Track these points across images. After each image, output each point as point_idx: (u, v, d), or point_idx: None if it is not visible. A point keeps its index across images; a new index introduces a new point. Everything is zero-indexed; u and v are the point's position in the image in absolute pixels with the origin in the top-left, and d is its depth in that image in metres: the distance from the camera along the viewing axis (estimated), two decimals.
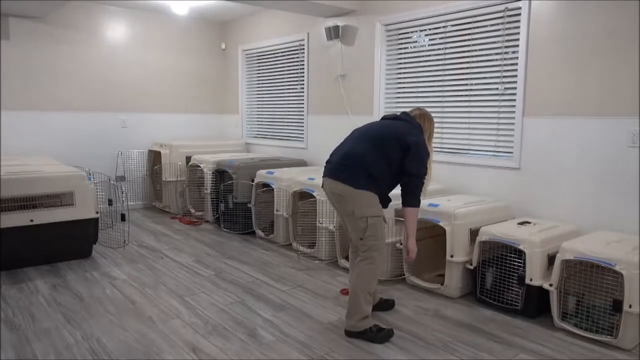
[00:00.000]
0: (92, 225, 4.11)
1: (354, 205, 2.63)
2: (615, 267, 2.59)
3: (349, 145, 2.72)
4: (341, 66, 5.10)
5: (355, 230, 2.68)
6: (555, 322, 2.86)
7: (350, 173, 2.62)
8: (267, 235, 4.79)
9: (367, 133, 2.73)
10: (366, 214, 2.63)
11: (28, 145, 5.53)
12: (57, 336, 2.71)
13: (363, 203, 2.62)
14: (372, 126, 2.79)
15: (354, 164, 2.63)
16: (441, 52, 4.19)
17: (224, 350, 2.57)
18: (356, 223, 2.66)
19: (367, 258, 2.68)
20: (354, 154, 2.65)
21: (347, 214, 2.68)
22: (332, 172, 2.70)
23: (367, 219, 2.63)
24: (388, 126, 2.74)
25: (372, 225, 2.65)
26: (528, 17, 3.53)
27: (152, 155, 6.25)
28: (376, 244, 2.68)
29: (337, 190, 2.65)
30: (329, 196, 2.76)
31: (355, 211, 2.63)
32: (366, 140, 2.68)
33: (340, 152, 2.72)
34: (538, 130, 3.55)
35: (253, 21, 6.34)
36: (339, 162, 2.68)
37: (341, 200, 2.67)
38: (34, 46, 5.46)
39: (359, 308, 2.69)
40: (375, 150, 2.63)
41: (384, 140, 2.65)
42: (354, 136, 2.77)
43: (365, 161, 2.62)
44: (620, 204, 3.17)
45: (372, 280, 2.71)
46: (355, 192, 2.60)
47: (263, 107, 6.40)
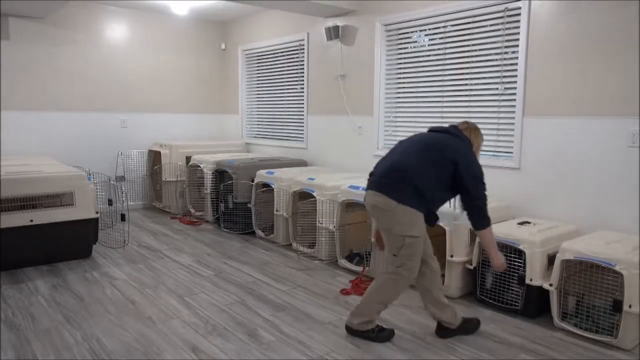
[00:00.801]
0: (92, 225, 4.11)
1: (393, 221, 2.49)
2: (615, 267, 2.59)
3: (395, 157, 2.57)
4: (341, 66, 5.10)
5: (391, 246, 2.56)
6: (555, 322, 2.86)
7: (395, 187, 2.47)
8: (267, 235, 4.78)
9: (414, 145, 2.57)
10: (405, 232, 2.48)
11: (28, 145, 5.53)
12: (57, 336, 2.71)
13: (404, 220, 2.48)
14: (419, 138, 2.63)
15: (400, 178, 2.47)
16: (441, 52, 4.19)
17: (224, 350, 2.57)
18: (393, 240, 2.53)
19: (396, 274, 2.56)
20: (400, 167, 2.49)
21: (385, 229, 2.57)
22: (376, 185, 2.55)
23: (404, 238, 2.49)
24: (436, 139, 2.57)
25: (409, 246, 2.50)
26: (528, 17, 3.53)
27: (152, 155, 6.24)
28: (409, 264, 2.54)
29: (379, 203, 2.50)
30: (369, 209, 2.63)
31: (393, 228, 2.50)
32: (413, 153, 2.52)
33: (385, 165, 2.58)
34: (538, 130, 3.55)
35: (253, 21, 6.34)
36: (384, 174, 2.53)
37: (382, 215, 2.53)
38: (34, 46, 5.46)
39: (368, 314, 2.64)
40: (423, 164, 2.48)
41: (432, 154, 2.50)
42: (400, 148, 2.62)
43: (413, 175, 2.46)
44: (620, 204, 3.17)
45: (392, 296, 2.62)
46: (398, 208, 2.45)
47: (263, 107, 6.40)
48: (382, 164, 2.62)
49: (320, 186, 4.10)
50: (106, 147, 6.07)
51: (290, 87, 5.90)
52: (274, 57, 6.10)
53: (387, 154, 2.67)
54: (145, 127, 6.35)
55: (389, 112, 4.70)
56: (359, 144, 4.96)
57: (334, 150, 5.29)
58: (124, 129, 6.18)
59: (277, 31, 5.95)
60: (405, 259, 2.53)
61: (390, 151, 2.67)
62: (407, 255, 2.52)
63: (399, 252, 2.52)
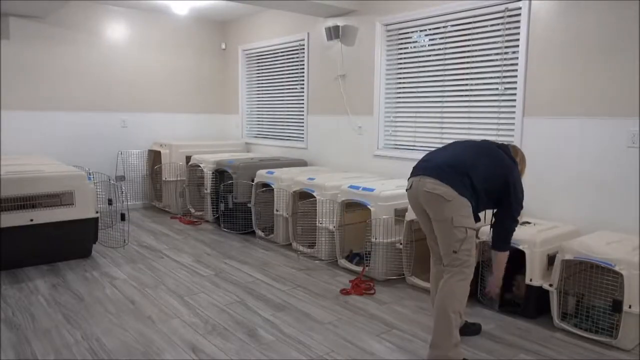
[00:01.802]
0: (92, 225, 4.11)
1: (455, 211, 2.36)
2: (615, 267, 2.59)
3: (454, 150, 2.53)
4: (341, 66, 5.10)
5: (450, 240, 2.39)
6: (555, 322, 2.86)
7: (456, 178, 2.38)
8: (267, 235, 4.78)
9: (475, 147, 2.54)
10: (465, 223, 2.37)
11: (28, 145, 5.53)
12: (57, 336, 2.71)
13: (464, 212, 2.37)
14: (478, 144, 2.59)
15: (461, 171, 2.39)
16: (441, 52, 4.19)
17: (223, 350, 2.57)
18: (453, 232, 2.37)
19: (460, 273, 2.40)
20: (461, 161, 2.43)
21: (443, 220, 2.39)
22: (434, 171, 2.42)
23: (466, 230, 2.37)
24: (495, 151, 2.53)
25: (470, 239, 2.39)
26: (528, 17, 3.53)
27: (152, 155, 6.24)
28: (470, 260, 2.42)
29: (439, 191, 2.36)
30: (421, 197, 2.46)
31: (454, 218, 2.36)
32: (474, 153, 2.49)
33: (444, 155, 2.50)
34: (538, 130, 3.55)
35: (253, 21, 6.34)
36: (444, 162, 2.43)
37: (441, 204, 2.37)
38: (34, 46, 5.46)
39: (450, 333, 2.35)
40: (482, 165, 2.44)
41: (490, 162, 2.47)
42: (460, 146, 2.57)
43: (471, 172, 2.39)
44: (620, 204, 3.17)
45: (464, 299, 2.44)
46: (459, 199, 2.35)
47: (263, 107, 6.40)
48: (437, 154, 2.54)
49: (320, 186, 4.10)
50: (106, 147, 6.07)
51: (290, 87, 5.90)
52: (274, 57, 6.10)
53: (440, 148, 2.63)
54: (145, 127, 6.35)
55: (389, 112, 4.70)
56: (359, 144, 4.96)
57: (334, 150, 5.29)
58: (124, 128, 6.18)
59: (277, 31, 5.95)
60: (466, 254, 2.40)
61: (444, 147, 2.62)
62: (467, 250, 2.40)
63: (461, 246, 2.38)
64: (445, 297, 2.39)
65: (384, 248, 3.59)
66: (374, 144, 4.80)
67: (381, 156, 4.74)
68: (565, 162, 3.41)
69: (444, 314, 2.35)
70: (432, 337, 2.39)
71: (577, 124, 3.34)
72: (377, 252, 3.61)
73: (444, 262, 2.46)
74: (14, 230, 3.73)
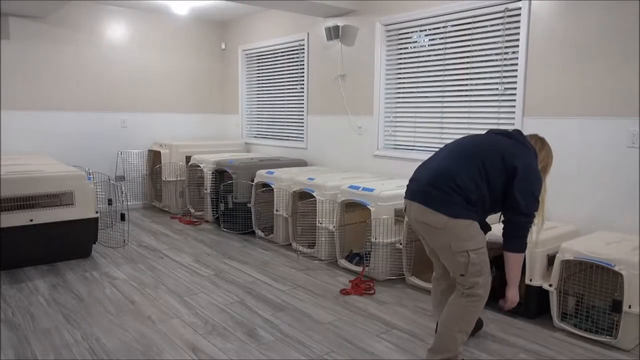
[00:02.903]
0: (92, 225, 4.11)
1: (450, 238, 2.16)
2: (615, 267, 2.59)
3: (441, 162, 2.24)
4: (341, 66, 5.10)
5: (454, 266, 2.22)
6: (555, 322, 2.86)
7: (443, 199, 2.14)
8: (267, 235, 4.78)
9: (464, 147, 2.26)
10: (466, 247, 2.16)
11: (28, 145, 5.53)
12: (57, 336, 2.71)
13: (461, 235, 2.15)
14: (472, 139, 2.31)
15: (448, 187, 2.14)
16: (441, 52, 4.19)
17: (223, 350, 2.57)
18: (455, 258, 2.19)
19: (472, 295, 2.21)
20: (447, 174, 2.17)
21: (440, 248, 2.23)
22: (420, 196, 2.21)
23: (468, 253, 2.16)
24: (492, 140, 2.26)
25: (476, 260, 2.17)
26: (528, 17, 3.53)
27: (152, 155, 6.24)
28: (481, 280, 2.20)
29: (429, 220, 2.17)
30: (415, 226, 2.30)
31: (452, 245, 2.16)
32: (462, 156, 2.21)
33: (429, 170, 2.24)
34: (538, 130, 3.53)
35: (253, 21, 6.34)
36: (429, 182, 2.19)
37: (433, 232, 2.20)
38: (34, 46, 5.46)
39: (451, 349, 2.25)
40: (473, 168, 2.16)
41: (484, 156, 2.18)
42: (446, 151, 2.29)
43: (462, 183, 2.14)
44: (620, 204, 3.17)
45: (473, 321, 2.27)
46: (452, 223, 2.13)
47: (263, 107, 6.40)
48: (425, 168, 2.30)
49: (320, 186, 4.10)
50: (106, 147, 6.07)
51: (290, 87, 5.90)
52: (274, 57, 6.10)
53: (430, 157, 2.35)
54: (145, 127, 6.35)
55: (389, 112, 4.70)
56: (359, 144, 4.96)
57: (334, 150, 5.29)
58: (124, 128, 6.18)
59: (277, 31, 5.95)
60: (475, 276, 2.19)
61: (434, 154, 2.36)
62: (476, 272, 2.19)
63: (467, 270, 2.18)
64: (452, 316, 2.24)
65: (383, 248, 3.59)
66: (374, 144, 4.80)
67: (381, 156, 4.74)
68: (565, 163, 3.41)
69: (450, 331, 2.24)
70: (434, 345, 2.30)
71: (577, 124, 3.35)
72: (377, 252, 3.61)
73: (456, 281, 2.27)
74: (14, 230, 3.73)
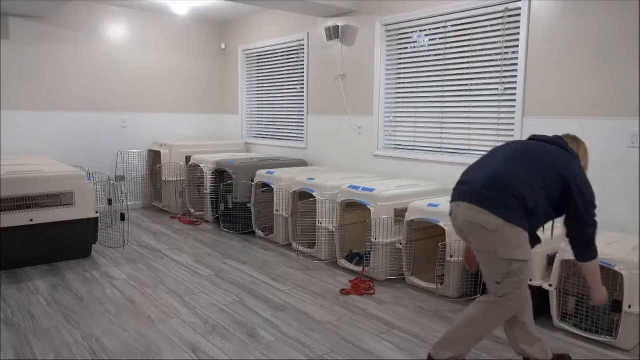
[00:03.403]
0: (92, 225, 4.11)
1: (498, 242, 2.07)
2: (615, 267, 2.59)
3: (497, 165, 2.16)
4: (341, 66, 5.10)
5: (493, 272, 2.14)
6: (555, 322, 2.86)
7: (499, 201, 2.06)
8: (267, 235, 4.78)
9: (518, 153, 2.19)
10: (512, 256, 2.07)
11: (28, 145, 5.53)
12: (57, 336, 2.71)
13: (510, 242, 2.07)
14: (522, 146, 2.24)
15: (505, 191, 2.07)
16: (441, 52, 4.19)
17: (223, 350, 2.57)
18: (495, 265, 2.11)
19: (499, 304, 2.14)
20: (504, 177, 2.09)
21: (484, 252, 2.14)
22: (475, 197, 2.12)
23: (511, 263, 2.08)
24: (544, 150, 2.19)
25: (517, 271, 2.09)
26: (528, 17, 3.53)
27: (152, 155, 6.24)
28: (515, 293, 2.12)
29: (480, 220, 2.08)
30: (461, 225, 2.20)
31: (498, 250, 2.08)
32: (519, 162, 2.14)
33: (486, 173, 2.16)
34: (538, 130, 3.54)
35: (253, 21, 6.34)
36: (485, 185, 2.11)
37: (482, 234, 2.10)
38: (34, 46, 5.46)
39: (460, 349, 2.19)
40: (533, 177, 2.09)
41: (541, 165, 2.12)
42: (499, 156, 2.22)
43: (520, 189, 2.06)
44: (620, 204, 3.17)
45: (492, 329, 2.20)
46: (506, 227, 2.05)
47: (263, 107, 6.40)
48: (479, 171, 2.22)
49: (320, 186, 4.10)
50: (106, 147, 6.07)
51: (290, 87, 5.90)
52: (274, 57, 6.10)
53: (480, 161, 2.29)
54: (145, 127, 6.35)
55: (389, 112, 4.70)
56: (359, 144, 4.96)
57: (333, 150, 5.29)
58: (124, 129, 6.18)
59: (277, 31, 5.95)
60: (511, 287, 2.11)
61: (484, 158, 2.29)
62: (514, 283, 2.11)
63: (504, 279, 2.11)
64: (474, 317, 2.18)
65: (383, 248, 3.59)
66: (374, 144, 4.80)
67: (381, 156, 4.74)
68: None
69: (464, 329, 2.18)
70: (443, 340, 2.22)
71: (577, 124, 3.34)
72: (377, 252, 3.61)
73: (487, 286, 2.21)
74: (14, 230, 3.73)
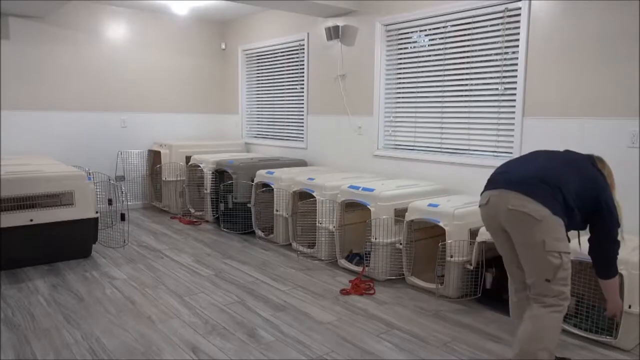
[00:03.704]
0: (92, 225, 4.11)
1: (547, 233, 2.02)
2: None
3: (545, 163, 2.17)
4: (341, 66, 5.10)
5: (542, 267, 2.05)
6: None
7: (549, 193, 2.04)
8: (267, 235, 4.78)
9: (562, 160, 2.20)
10: (559, 247, 2.03)
11: (28, 145, 5.53)
12: (57, 336, 2.71)
13: (557, 233, 2.03)
14: (564, 154, 2.27)
15: (554, 185, 2.06)
16: (441, 52, 4.19)
17: (223, 350, 2.57)
18: (545, 258, 2.03)
19: (556, 305, 2.06)
20: (556, 176, 2.09)
21: (532, 244, 2.05)
22: (520, 185, 2.08)
23: (560, 255, 2.03)
24: (583, 163, 2.20)
25: (565, 265, 2.05)
26: (528, 17, 3.53)
27: (152, 155, 6.24)
28: (566, 291, 2.08)
29: (529, 209, 2.03)
30: (502, 215, 2.13)
31: (546, 242, 2.02)
32: (564, 167, 2.15)
33: (529, 166, 2.15)
34: (538, 130, 3.55)
35: (253, 21, 6.34)
36: (532, 175, 2.09)
37: (529, 224, 2.04)
38: (34, 46, 5.46)
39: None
40: (573, 181, 2.10)
41: (585, 180, 2.13)
42: (546, 156, 2.23)
43: (567, 189, 2.06)
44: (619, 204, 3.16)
45: (557, 337, 2.09)
46: (552, 219, 2.02)
47: (263, 107, 6.40)
48: (519, 167, 2.19)
49: (320, 186, 4.10)
50: (106, 147, 6.07)
51: (290, 87, 5.90)
52: (274, 57, 6.10)
53: (520, 158, 2.30)
54: (145, 127, 6.35)
55: (389, 112, 4.70)
56: (359, 144, 4.96)
57: (333, 150, 5.29)
58: (124, 129, 6.18)
59: (277, 31, 5.95)
60: (561, 284, 2.06)
61: (525, 157, 2.30)
62: (563, 279, 2.06)
63: (555, 274, 2.04)
64: (534, 332, 2.06)
65: (383, 248, 3.59)
66: (374, 144, 4.80)
67: (381, 156, 4.74)
68: None
69: (532, 352, 2.04)
70: None
71: (577, 124, 3.34)
72: (377, 252, 3.61)
73: (533, 290, 2.12)
74: (14, 230, 3.73)
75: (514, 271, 2.32)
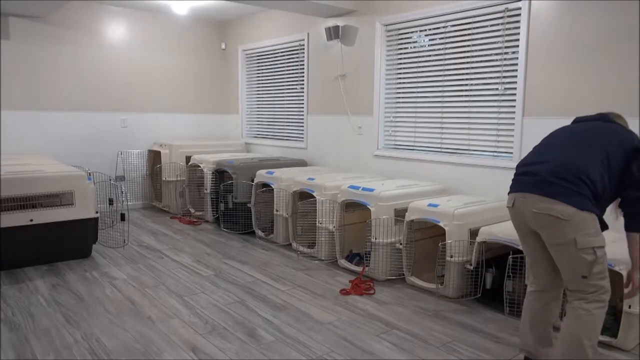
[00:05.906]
0: (92, 225, 4.11)
1: (577, 230, 2.00)
2: (615, 267, 2.59)
3: (560, 152, 2.11)
4: (341, 66, 5.10)
5: (576, 265, 2.04)
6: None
7: (571, 190, 2.01)
8: (267, 235, 4.78)
9: (580, 136, 2.15)
10: (592, 243, 2.01)
11: (28, 145, 5.53)
12: (57, 336, 2.71)
13: (588, 229, 2.01)
14: (584, 127, 2.20)
15: (576, 178, 2.01)
16: (441, 52, 4.19)
17: (223, 350, 2.57)
18: (578, 255, 2.02)
19: (598, 301, 2.05)
20: (573, 164, 2.04)
21: (563, 243, 2.04)
22: (542, 187, 2.06)
23: (594, 250, 2.02)
24: (604, 128, 2.15)
25: (601, 259, 2.04)
26: (528, 17, 3.53)
27: (152, 155, 6.25)
28: (606, 284, 2.06)
29: (555, 212, 2.01)
30: (529, 218, 2.13)
31: (578, 240, 2.00)
32: (583, 146, 2.09)
33: (551, 162, 2.10)
34: (538, 130, 3.55)
35: (253, 21, 6.34)
36: (553, 173, 2.06)
37: (558, 226, 2.03)
38: (34, 46, 5.46)
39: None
40: (597, 158, 2.05)
41: (604, 145, 2.08)
42: (560, 140, 2.19)
43: (591, 174, 2.02)
44: None
45: (599, 331, 2.08)
46: (580, 215, 1.99)
47: (263, 107, 6.40)
48: (540, 162, 2.14)
49: (320, 186, 4.10)
50: (106, 147, 6.07)
51: (290, 87, 5.90)
52: (274, 57, 6.10)
53: (538, 149, 2.23)
54: (145, 127, 6.35)
55: (389, 112, 4.70)
56: (359, 144, 4.96)
57: (333, 150, 5.29)
58: (124, 129, 6.18)
59: (277, 31, 5.95)
60: (599, 279, 2.04)
61: (541, 146, 2.23)
62: (600, 273, 2.04)
63: (591, 270, 2.02)
64: (580, 326, 2.04)
65: (383, 248, 3.59)
66: (374, 144, 4.80)
67: (381, 156, 4.74)
68: None
69: (579, 345, 2.03)
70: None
71: None
72: (377, 252, 3.61)
73: (570, 287, 2.11)
74: (14, 230, 3.73)
75: (538, 273, 2.29)
